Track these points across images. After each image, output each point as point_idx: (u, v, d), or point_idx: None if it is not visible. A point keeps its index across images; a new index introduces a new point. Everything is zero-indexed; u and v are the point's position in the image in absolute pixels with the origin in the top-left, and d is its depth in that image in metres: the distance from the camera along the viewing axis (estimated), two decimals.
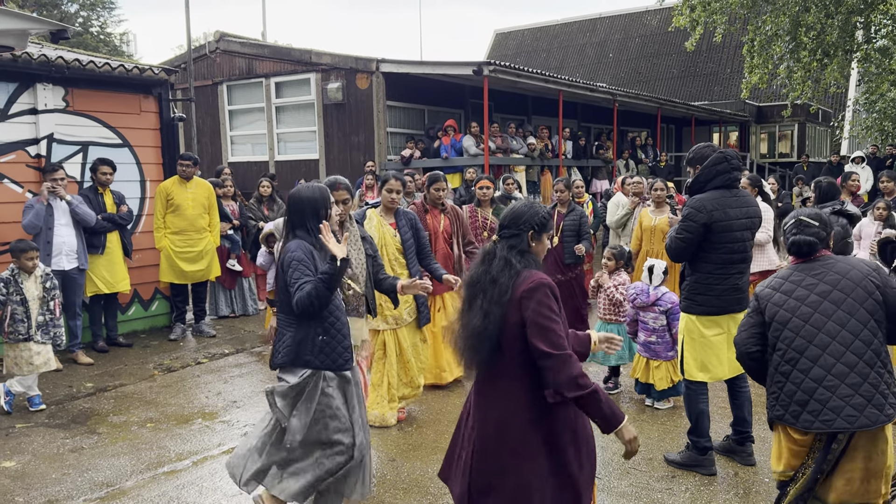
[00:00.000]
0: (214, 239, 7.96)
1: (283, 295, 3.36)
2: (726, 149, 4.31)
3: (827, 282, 3.05)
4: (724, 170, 4.18)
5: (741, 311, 4.21)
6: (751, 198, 4.34)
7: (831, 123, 25.31)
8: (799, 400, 2.98)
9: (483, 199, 6.85)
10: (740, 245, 4.18)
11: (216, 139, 15.03)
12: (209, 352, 7.38)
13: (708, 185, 4.21)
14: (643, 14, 32.17)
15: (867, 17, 16.27)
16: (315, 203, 3.42)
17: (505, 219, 2.84)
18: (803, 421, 2.96)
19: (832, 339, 2.96)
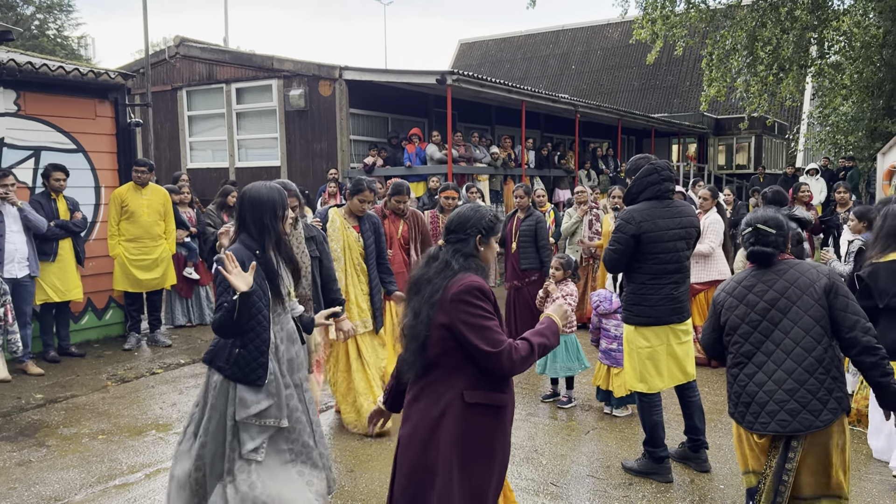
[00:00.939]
0: (170, 246, 7.81)
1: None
2: (658, 160, 4.33)
3: (776, 289, 3.13)
4: (654, 181, 4.22)
5: (680, 321, 4.26)
6: (687, 208, 4.34)
7: (787, 136, 25.96)
8: (744, 402, 3.13)
9: (447, 208, 6.84)
10: (673, 255, 4.19)
11: (175, 145, 14.79)
12: (164, 362, 7.23)
13: (640, 196, 4.26)
14: (605, 27, 32.64)
15: (821, 34, 16.76)
16: (273, 204, 3.27)
17: (452, 223, 2.80)
18: (746, 422, 3.12)
19: (776, 346, 3.08)
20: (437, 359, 2.63)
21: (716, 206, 7.18)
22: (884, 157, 12.43)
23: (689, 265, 4.38)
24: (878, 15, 16.15)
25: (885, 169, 12.23)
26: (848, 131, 17.39)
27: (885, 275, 4.25)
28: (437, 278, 2.66)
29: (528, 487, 4.33)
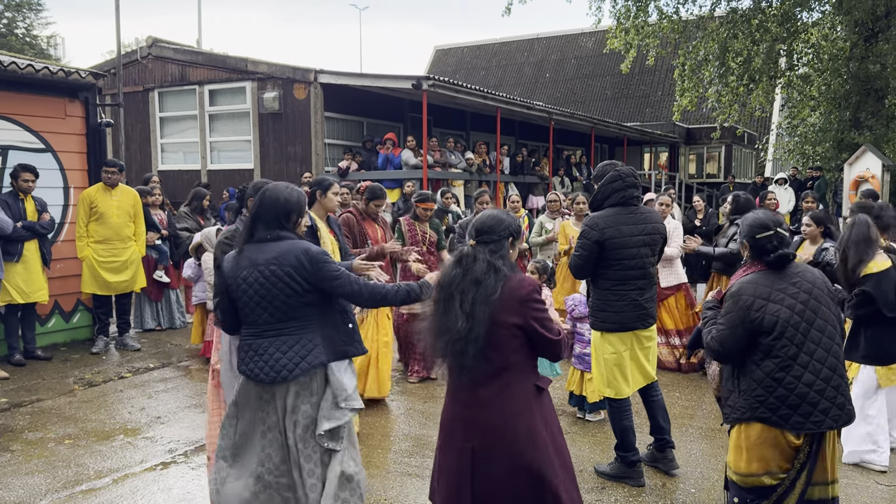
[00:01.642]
0: (140, 249, 7.70)
1: (304, 297, 3.10)
2: (623, 167, 4.36)
3: (804, 290, 3.16)
4: (618, 188, 4.25)
5: (645, 327, 4.30)
6: (653, 215, 4.36)
7: (756, 146, 26.40)
8: (791, 403, 3.09)
9: (423, 217, 6.76)
10: (637, 262, 4.21)
11: (146, 146, 14.61)
12: (133, 366, 7.11)
13: (605, 202, 4.30)
14: (579, 36, 32.97)
15: (790, 46, 17.09)
16: (289, 206, 3.19)
17: (485, 225, 2.87)
18: (793, 423, 3.08)
19: (816, 345, 3.11)
20: (507, 357, 2.74)
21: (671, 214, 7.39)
22: (850, 167, 12.69)
23: (655, 272, 4.40)
24: (845, 28, 16.52)
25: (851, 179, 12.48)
26: (816, 142, 17.72)
27: (886, 281, 4.46)
28: (487, 279, 2.74)
29: None
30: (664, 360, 7.06)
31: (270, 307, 3.08)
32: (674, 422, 5.62)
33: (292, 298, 3.07)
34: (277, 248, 3.10)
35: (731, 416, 3.24)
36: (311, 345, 3.11)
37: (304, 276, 3.06)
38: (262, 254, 3.10)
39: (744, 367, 3.21)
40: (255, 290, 3.08)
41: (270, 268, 3.06)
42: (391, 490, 4.33)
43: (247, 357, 3.15)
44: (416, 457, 4.84)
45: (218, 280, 3.31)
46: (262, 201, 3.17)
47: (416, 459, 4.79)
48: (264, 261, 3.08)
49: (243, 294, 3.12)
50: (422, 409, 5.86)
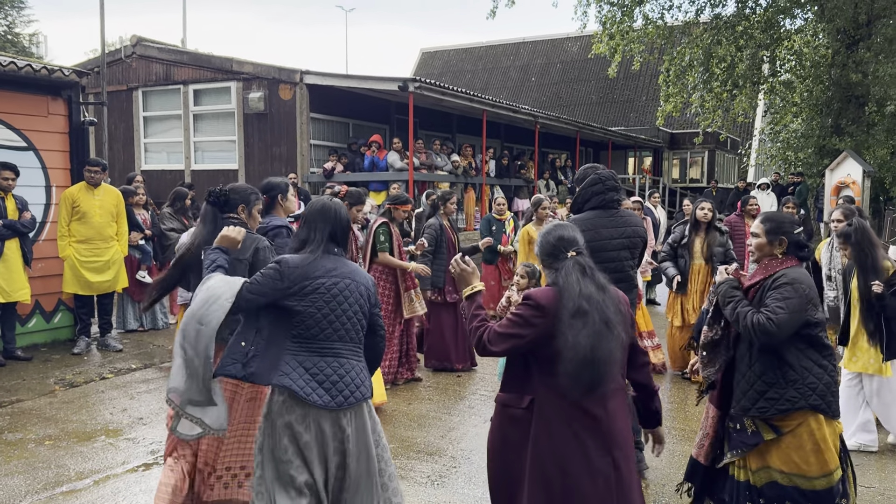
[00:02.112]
0: (122, 248, 7.63)
1: (363, 322, 3.04)
2: (603, 170, 4.38)
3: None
4: (598, 191, 4.27)
5: None
6: (633, 218, 4.38)
7: (739, 151, 26.65)
8: (834, 391, 3.22)
9: (398, 218, 6.64)
10: (617, 265, 4.21)
11: (129, 146, 14.49)
12: (115, 366, 7.05)
13: (585, 205, 4.31)
14: (565, 41, 33.11)
15: (773, 52, 17.27)
16: (349, 223, 3.19)
17: (574, 236, 2.89)
18: (836, 411, 3.21)
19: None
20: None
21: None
22: (832, 173, 12.84)
23: (635, 275, 4.41)
24: (827, 35, 16.73)
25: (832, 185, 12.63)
26: (798, 148, 17.93)
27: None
28: (610, 290, 2.81)
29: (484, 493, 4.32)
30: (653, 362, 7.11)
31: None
32: None
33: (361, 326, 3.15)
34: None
35: (774, 407, 3.17)
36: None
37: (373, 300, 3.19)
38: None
39: (784, 357, 3.19)
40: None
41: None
42: None
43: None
44: (401, 458, 4.83)
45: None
46: (334, 219, 3.08)
47: (400, 461, 4.78)
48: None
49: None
50: (406, 411, 5.85)
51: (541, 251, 2.88)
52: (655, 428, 3.03)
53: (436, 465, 4.74)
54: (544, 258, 2.88)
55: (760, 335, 3.14)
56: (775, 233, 3.32)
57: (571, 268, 2.76)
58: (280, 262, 2.94)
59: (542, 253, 2.88)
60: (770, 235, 3.33)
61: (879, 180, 16.14)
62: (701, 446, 3.55)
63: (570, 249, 2.82)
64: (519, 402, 2.78)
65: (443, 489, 4.36)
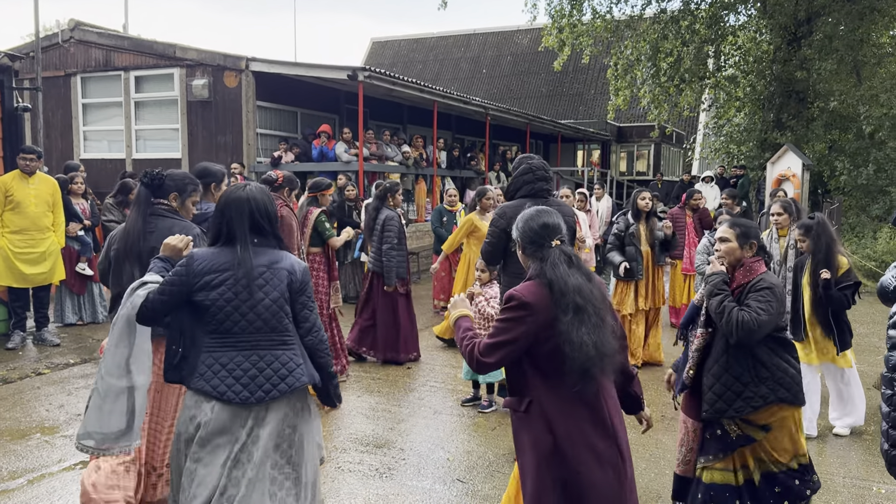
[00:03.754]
0: (59, 239, 7.34)
1: (287, 315, 2.90)
2: (535, 160, 4.52)
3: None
4: (529, 180, 4.43)
5: None
6: (564, 208, 4.47)
7: (684, 145, 27.19)
8: (799, 381, 3.38)
9: (324, 205, 6.53)
10: None
11: (67, 134, 13.97)
12: (52, 361, 6.80)
13: (517, 193, 4.47)
14: (515, 33, 33.24)
15: (717, 48, 17.63)
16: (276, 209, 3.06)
17: (558, 223, 2.75)
18: (802, 399, 3.38)
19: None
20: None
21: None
22: (773, 166, 13.18)
23: None
24: (770, 32, 17.15)
25: (773, 178, 12.97)
26: (740, 142, 18.36)
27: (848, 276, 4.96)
28: (595, 280, 2.73)
29: (433, 485, 4.31)
30: None
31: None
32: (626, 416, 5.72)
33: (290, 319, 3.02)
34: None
35: (749, 405, 3.28)
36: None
37: (297, 296, 3.01)
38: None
39: (757, 356, 3.31)
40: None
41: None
42: (322, 486, 4.25)
43: None
44: (350, 452, 4.77)
45: None
46: (256, 210, 2.94)
47: (349, 455, 4.73)
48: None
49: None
50: (355, 404, 5.79)
51: (523, 238, 2.74)
52: (640, 412, 2.99)
53: (384, 457, 4.70)
54: (526, 246, 2.74)
55: (742, 332, 3.22)
56: (745, 237, 3.46)
57: (558, 259, 2.63)
58: (189, 256, 2.86)
59: (524, 240, 2.74)
60: (741, 240, 3.46)
61: (818, 174, 16.64)
62: (687, 462, 3.61)
63: (554, 238, 2.69)
64: (519, 405, 2.69)
65: (391, 481, 4.32)
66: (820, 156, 16.10)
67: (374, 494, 4.15)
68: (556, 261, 2.62)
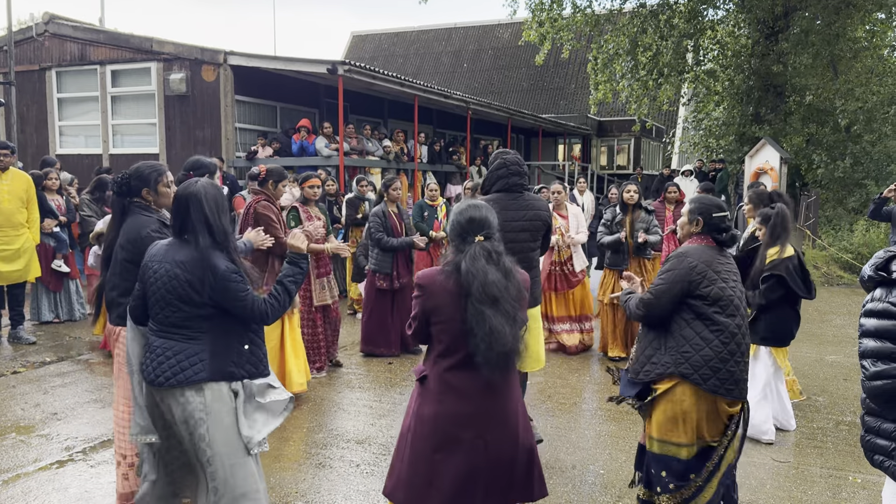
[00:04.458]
0: (34, 236, 7.24)
1: (200, 310, 2.96)
2: (510, 155, 4.55)
3: (730, 270, 3.40)
4: (503, 175, 4.47)
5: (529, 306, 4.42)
6: (538, 203, 4.53)
7: (664, 139, 27.34)
8: (713, 367, 3.23)
9: (311, 198, 6.47)
10: (516, 246, 4.36)
11: (43, 129, 13.77)
12: (28, 360, 6.71)
13: (492, 188, 4.51)
14: (496, 27, 33.21)
15: (697, 42, 17.73)
16: (226, 204, 3.10)
17: (487, 218, 2.83)
18: (711, 385, 3.23)
19: (742, 318, 3.34)
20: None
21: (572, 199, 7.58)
22: (751, 160, 13.29)
23: (536, 256, 4.56)
24: (748, 26, 17.28)
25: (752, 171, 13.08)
26: (719, 135, 18.49)
27: (793, 268, 4.85)
28: (515, 274, 2.80)
29: None
30: (571, 345, 7.27)
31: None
32: (584, 404, 5.76)
33: (187, 307, 2.97)
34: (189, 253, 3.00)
35: (654, 371, 3.31)
36: (184, 357, 2.99)
37: (208, 289, 2.95)
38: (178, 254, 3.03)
39: (669, 326, 3.33)
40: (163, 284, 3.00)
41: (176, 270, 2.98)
42: (303, 483, 4.24)
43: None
44: (331, 448, 4.75)
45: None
46: (200, 203, 3.01)
47: (329, 451, 4.71)
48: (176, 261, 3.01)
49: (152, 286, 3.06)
50: (335, 400, 5.77)
51: (451, 231, 2.86)
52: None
53: (365, 453, 4.69)
54: (453, 238, 2.85)
55: (644, 310, 3.38)
56: (694, 213, 3.48)
57: (478, 253, 2.74)
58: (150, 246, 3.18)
59: (451, 233, 2.86)
60: (691, 215, 3.49)
61: (796, 167, 16.82)
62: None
63: (479, 233, 2.79)
64: (418, 374, 2.93)
65: (373, 477, 4.31)
66: (798, 149, 16.26)
67: (355, 490, 4.14)
68: (476, 255, 2.74)
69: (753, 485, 4.29)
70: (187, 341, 2.98)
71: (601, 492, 4.17)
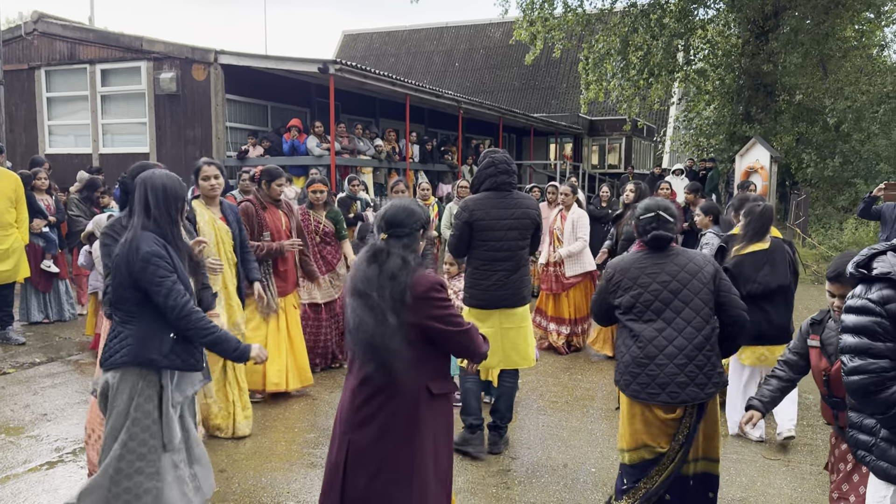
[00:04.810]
0: (23, 236, 7.18)
1: (126, 291, 3.02)
2: (498, 154, 4.57)
3: (668, 272, 3.34)
4: (491, 174, 4.49)
5: (512, 307, 4.46)
6: (526, 201, 4.52)
7: (654, 139, 27.42)
8: (631, 372, 3.32)
9: (316, 203, 6.54)
10: (504, 244, 4.40)
11: (32, 128, 13.69)
12: (17, 361, 6.67)
13: (481, 187, 4.54)
14: (487, 26, 33.22)
15: (687, 41, 17.79)
16: (177, 194, 3.13)
17: (397, 216, 2.76)
18: (648, 395, 3.27)
19: (668, 324, 3.29)
20: (406, 353, 2.62)
21: (576, 202, 7.48)
22: (741, 158, 13.35)
23: (525, 255, 4.56)
24: (738, 25, 17.35)
25: (742, 170, 13.13)
26: (710, 134, 18.57)
27: (749, 264, 4.77)
28: (401, 276, 2.64)
29: None
30: (559, 345, 7.29)
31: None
32: (575, 403, 5.77)
33: (124, 291, 3.05)
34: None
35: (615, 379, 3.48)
36: (117, 341, 3.08)
37: (131, 273, 3.01)
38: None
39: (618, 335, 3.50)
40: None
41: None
42: (294, 483, 4.23)
43: None
44: (322, 447, 4.74)
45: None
46: (144, 189, 3.11)
47: (321, 450, 4.70)
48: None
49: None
50: (328, 399, 5.76)
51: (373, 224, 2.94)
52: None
53: None
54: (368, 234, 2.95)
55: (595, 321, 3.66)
56: (632, 218, 3.60)
57: (367, 250, 2.77)
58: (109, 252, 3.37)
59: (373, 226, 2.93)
60: (633, 220, 3.58)
61: (786, 166, 16.90)
62: None
63: (386, 231, 2.75)
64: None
65: None
66: (788, 148, 16.35)
67: None
68: (364, 251, 2.79)
69: (744, 482, 4.31)
70: (122, 325, 3.06)
71: (593, 490, 4.18)
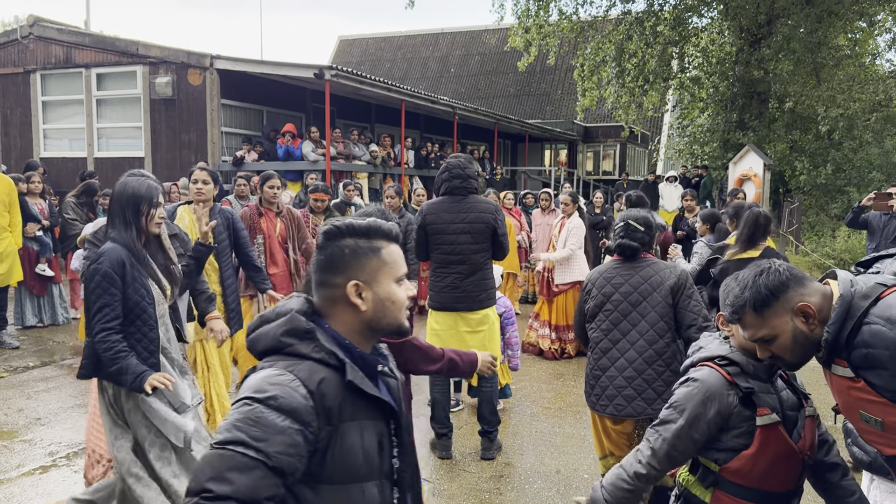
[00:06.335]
0: (16, 240, 7.18)
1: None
2: (454, 159, 4.62)
3: (631, 283, 3.37)
4: (445, 178, 4.57)
5: (468, 310, 4.50)
6: (481, 206, 4.50)
7: (649, 146, 27.53)
8: (590, 383, 3.44)
9: (317, 210, 6.60)
10: (455, 248, 4.45)
11: (27, 132, 13.67)
12: (11, 365, 6.65)
13: (438, 191, 4.63)
14: (483, 32, 33.35)
15: (681, 49, 17.89)
16: (138, 198, 3.12)
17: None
18: (598, 406, 3.38)
19: (623, 336, 3.34)
20: None
21: (577, 211, 7.47)
22: (735, 166, 13.41)
23: (482, 259, 4.52)
24: (732, 33, 17.46)
25: (735, 177, 13.20)
26: (704, 142, 18.66)
27: (734, 270, 4.69)
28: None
29: None
30: (544, 349, 7.35)
31: None
32: (568, 409, 5.79)
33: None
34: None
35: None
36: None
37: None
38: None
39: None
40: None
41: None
42: None
43: None
44: None
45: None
46: (113, 195, 3.18)
47: None
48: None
49: None
50: None
51: None
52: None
53: None
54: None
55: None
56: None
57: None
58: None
59: None
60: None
61: (779, 173, 16.99)
62: None
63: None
64: None
65: None
66: (781, 156, 16.44)
67: None
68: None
69: None
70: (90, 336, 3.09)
71: (585, 496, 4.19)
